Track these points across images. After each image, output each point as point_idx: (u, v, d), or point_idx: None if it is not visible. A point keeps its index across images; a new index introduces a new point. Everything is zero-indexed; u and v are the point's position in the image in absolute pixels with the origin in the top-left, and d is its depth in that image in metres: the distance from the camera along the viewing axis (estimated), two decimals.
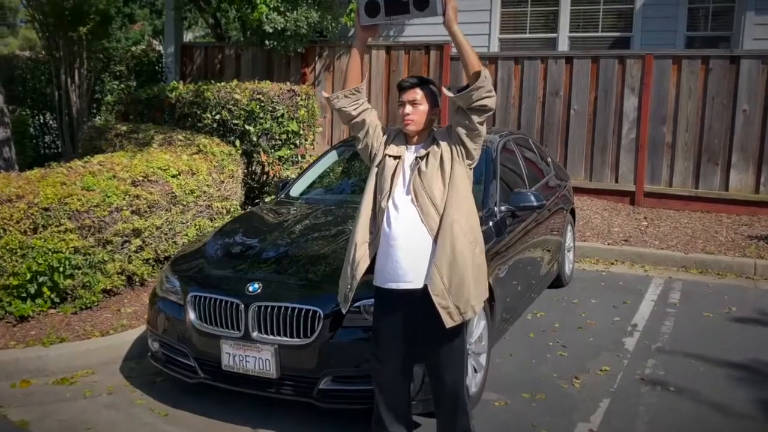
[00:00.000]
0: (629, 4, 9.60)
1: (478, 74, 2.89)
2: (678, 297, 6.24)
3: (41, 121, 11.79)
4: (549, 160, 6.70)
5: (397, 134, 3.22)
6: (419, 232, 3.01)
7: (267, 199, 7.49)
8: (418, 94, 3.11)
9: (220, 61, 11.09)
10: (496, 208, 4.74)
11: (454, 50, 9.38)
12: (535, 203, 4.76)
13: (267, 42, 9.65)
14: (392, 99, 9.75)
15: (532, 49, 9.92)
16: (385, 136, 3.22)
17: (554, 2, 9.99)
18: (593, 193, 8.95)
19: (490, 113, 3.03)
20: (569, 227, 6.60)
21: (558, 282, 6.31)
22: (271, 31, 9.31)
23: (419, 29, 10.26)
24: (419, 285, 3.01)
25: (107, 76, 11.34)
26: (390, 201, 3.06)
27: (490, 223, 4.55)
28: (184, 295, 3.92)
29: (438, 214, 3.01)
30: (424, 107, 3.11)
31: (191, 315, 3.84)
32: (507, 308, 4.60)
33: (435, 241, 3.01)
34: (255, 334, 3.64)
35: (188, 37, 18.74)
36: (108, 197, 5.06)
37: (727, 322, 5.60)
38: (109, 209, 5.06)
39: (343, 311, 3.24)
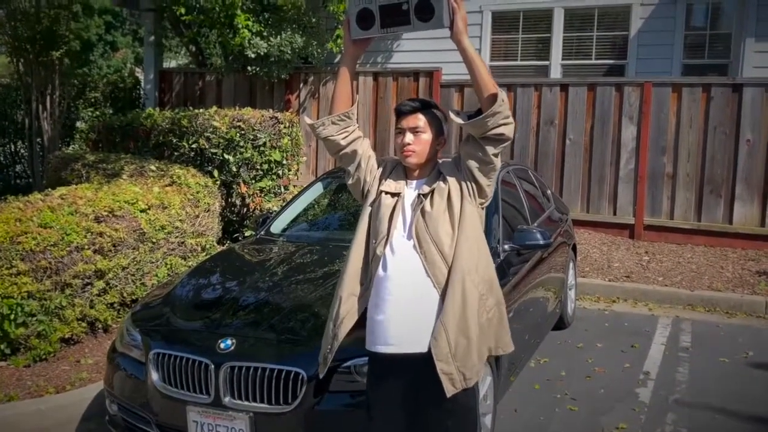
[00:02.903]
0: (624, 31, 9.31)
1: (494, 97, 2.44)
2: (689, 340, 5.80)
3: (12, 149, 11.28)
4: (549, 192, 6.29)
5: (395, 167, 2.75)
6: (423, 285, 2.54)
7: (247, 233, 7.00)
8: (420, 120, 2.65)
9: (201, 87, 10.65)
10: (499, 248, 4.28)
11: (444, 77, 9.07)
12: (541, 241, 4.32)
13: (249, 68, 9.24)
14: (380, 127, 9.35)
15: (524, 76, 9.59)
16: (380, 169, 2.75)
17: (546, 29, 9.69)
18: (590, 226, 8.55)
19: (507, 143, 2.58)
20: (571, 264, 6.17)
21: (560, 323, 5.86)
22: (253, 56, 8.91)
23: (408, 56, 9.93)
24: (423, 349, 2.52)
25: (81, 103, 10.85)
26: (387, 247, 2.58)
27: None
28: (146, 351, 3.39)
29: (446, 264, 2.54)
30: (427, 136, 2.65)
31: (154, 375, 3.31)
32: (514, 358, 4.12)
33: (442, 296, 2.54)
34: (227, 400, 3.11)
35: (172, 64, 18.33)
36: (67, 235, 4.55)
37: (747, 368, 5.16)
38: (68, 248, 4.54)
39: (320, 375, 2.75)
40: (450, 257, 2.54)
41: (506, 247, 4.32)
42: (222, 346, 3.19)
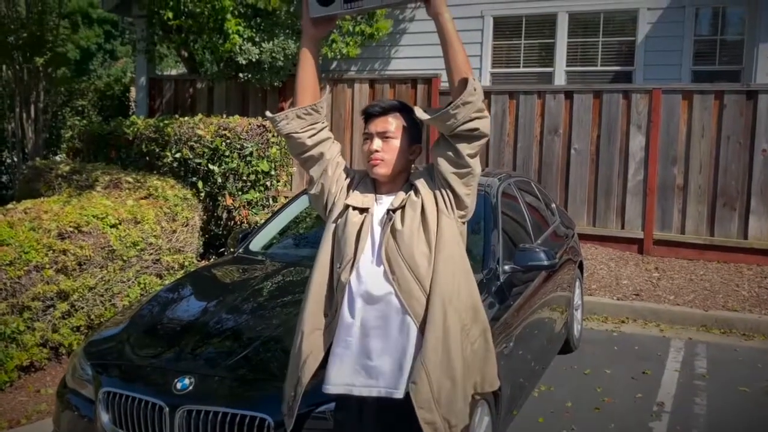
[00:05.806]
0: (630, 37, 8.93)
1: (465, 83, 2.06)
2: (705, 365, 5.37)
3: None
4: (553, 205, 5.88)
5: (363, 179, 2.36)
6: (397, 318, 2.14)
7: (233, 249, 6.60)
8: (390, 123, 2.27)
9: (192, 94, 10.28)
10: (498, 268, 3.87)
11: (443, 84, 8.69)
12: (545, 262, 3.90)
13: (241, 74, 8.87)
14: None
15: (527, 83, 9.20)
16: (348, 180, 2.36)
17: (550, 35, 9.32)
18: (597, 240, 8.13)
19: (483, 141, 2.17)
20: (577, 282, 5.76)
21: (566, 347, 5.43)
22: (245, 62, 8.54)
23: (406, 63, 9.57)
24: (399, 394, 2.13)
25: (69, 111, 10.49)
26: (353, 273, 2.19)
27: (493, 289, 3.67)
28: (96, 389, 2.99)
29: (424, 292, 2.14)
30: (398, 142, 2.26)
31: (103, 417, 2.90)
32: (516, 390, 3.70)
33: (421, 330, 2.14)
34: None
35: (173, 74, 17.98)
36: (25, 253, 4.15)
37: None
38: (26, 268, 4.15)
39: (287, 428, 2.36)
40: (427, 282, 2.14)
41: (507, 267, 3.90)
42: (178, 386, 2.77)
